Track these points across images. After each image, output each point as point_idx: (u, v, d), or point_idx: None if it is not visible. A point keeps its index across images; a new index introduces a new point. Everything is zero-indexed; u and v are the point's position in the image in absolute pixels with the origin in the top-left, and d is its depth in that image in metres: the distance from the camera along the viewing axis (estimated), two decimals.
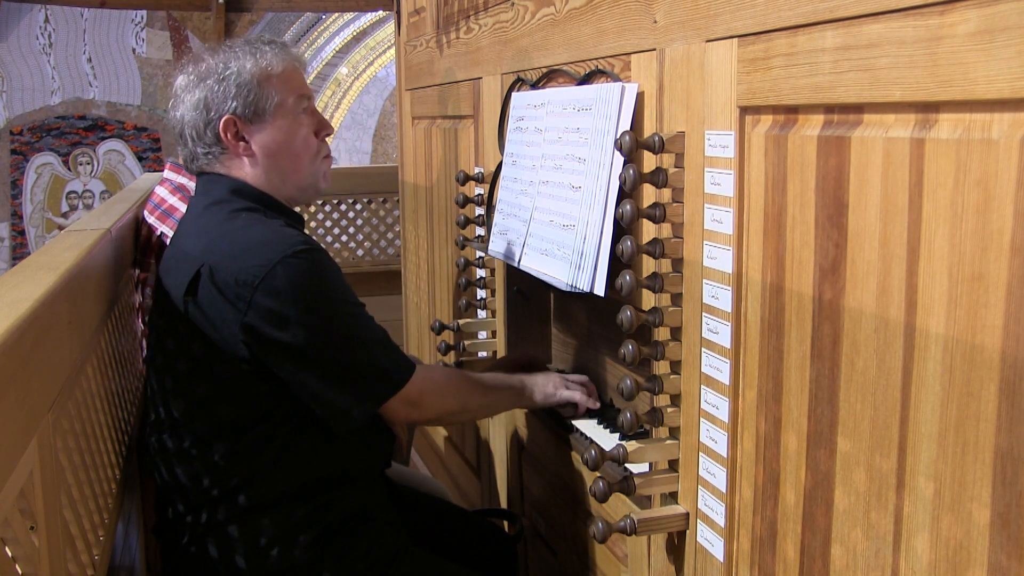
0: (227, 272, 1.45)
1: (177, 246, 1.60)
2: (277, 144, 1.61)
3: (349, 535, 1.57)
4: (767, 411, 1.16)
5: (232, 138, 1.59)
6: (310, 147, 1.65)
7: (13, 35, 6.67)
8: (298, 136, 1.62)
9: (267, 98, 1.59)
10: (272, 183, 1.62)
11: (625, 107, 1.44)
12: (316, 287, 1.46)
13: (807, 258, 1.06)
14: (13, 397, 0.91)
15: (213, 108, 1.58)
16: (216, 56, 1.62)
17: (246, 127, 1.59)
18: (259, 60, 1.60)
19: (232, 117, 1.58)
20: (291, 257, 1.44)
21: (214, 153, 1.61)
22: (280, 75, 1.61)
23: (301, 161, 1.63)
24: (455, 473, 2.78)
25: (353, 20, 7.33)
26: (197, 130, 1.60)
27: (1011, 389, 0.80)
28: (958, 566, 0.87)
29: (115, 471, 1.56)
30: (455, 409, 1.68)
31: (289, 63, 1.63)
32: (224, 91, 1.57)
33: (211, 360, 1.49)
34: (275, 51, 1.62)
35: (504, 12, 2.03)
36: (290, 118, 1.61)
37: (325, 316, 1.47)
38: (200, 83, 1.59)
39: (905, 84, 0.89)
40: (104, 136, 6.97)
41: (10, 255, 6.83)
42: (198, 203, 1.63)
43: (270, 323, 1.43)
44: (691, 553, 1.36)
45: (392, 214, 4.38)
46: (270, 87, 1.59)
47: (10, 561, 0.93)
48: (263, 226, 1.53)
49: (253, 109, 1.58)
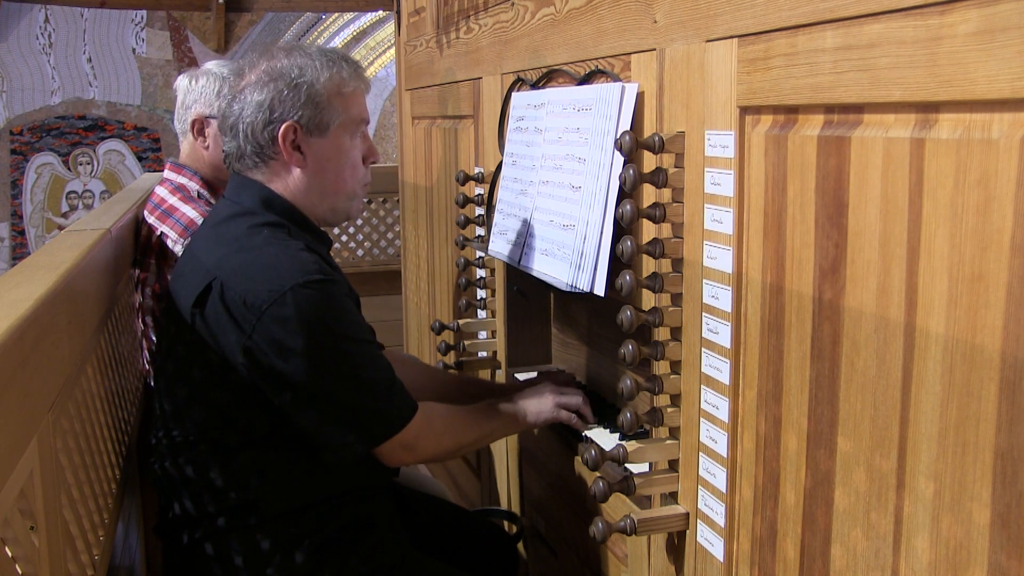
0: (236, 291, 1.43)
1: (193, 251, 1.57)
2: (329, 161, 1.58)
3: (351, 543, 1.56)
4: (767, 411, 1.16)
5: (288, 145, 1.55)
6: (357, 171, 1.63)
7: (13, 35, 6.67)
8: (350, 158, 1.61)
9: (334, 114, 1.57)
10: (310, 198, 1.60)
11: (625, 107, 1.44)
12: (324, 321, 1.43)
13: (807, 258, 1.06)
14: (13, 397, 0.91)
15: (278, 111, 1.54)
16: (291, 58, 1.58)
17: (305, 138, 1.56)
18: (335, 75, 1.57)
19: (295, 124, 1.54)
20: (303, 286, 1.41)
21: (263, 156, 1.57)
22: (351, 95, 1.59)
23: (346, 183, 1.61)
24: (455, 473, 2.78)
25: (353, 20, 7.33)
26: (254, 129, 1.55)
27: (1011, 389, 0.80)
28: (958, 566, 0.87)
29: (115, 471, 1.56)
30: (450, 450, 1.67)
31: (360, 86, 1.62)
32: (295, 97, 1.54)
33: (212, 381, 1.48)
34: (350, 70, 1.60)
35: (504, 12, 2.03)
36: (347, 139, 1.60)
37: (329, 352, 1.44)
38: (271, 82, 1.55)
39: (905, 84, 0.89)
40: (104, 136, 6.97)
41: (10, 255, 6.83)
42: (224, 208, 1.60)
43: (272, 351, 1.41)
44: (691, 553, 1.36)
45: (392, 214, 4.38)
46: (338, 104, 1.57)
47: (10, 561, 0.93)
48: (281, 247, 1.49)
49: (317, 122, 1.56)
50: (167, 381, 1.54)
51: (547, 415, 1.70)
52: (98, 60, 6.86)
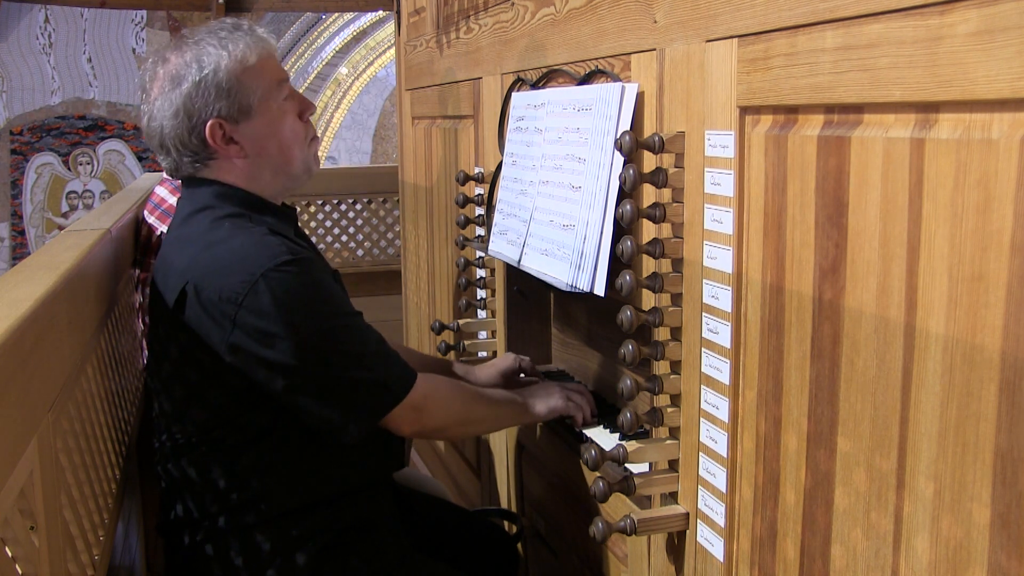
0: (210, 289, 1.41)
1: (165, 256, 1.55)
2: (266, 139, 1.54)
3: (352, 545, 1.56)
4: (767, 411, 1.16)
5: (221, 141, 1.51)
6: (298, 135, 1.58)
7: (13, 35, 6.67)
8: (286, 126, 1.56)
9: (250, 92, 1.51)
10: (263, 180, 1.56)
11: (625, 107, 1.44)
12: (301, 301, 1.41)
13: (807, 258, 1.06)
14: (13, 397, 0.91)
15: (195, 114, 1.49)
16: (182, 53, 1.51)
17: (233, 128, 1.51)
18: (232, 52, 1.50)
19: (217, 120, 1.50)
20: (274, 271, 1.39)
21: (201, 159, 1.53)
22: (257, 65, 1.52)
23: (292, 152, 1.57)
24: (455, 473, 2.78)
25: (353, 20, 7.33)
26: (181, 139, 1.51)
27: (1011, 389, 0.80)
28: (958, 566, 0.87)
29: (115, 471, 1.56)
30: (461, 416, 1.61)
31: (262, 48, 1.54)
32: (204, 94, 1.48)
33: (208, 382, 1.47)
34: (245, 38, 1.52)
35: (504, 12, 2.03)
36: (275, 108, 1.55)
37: (313, 332, 1.41)
38: (175, 88, 1.50)
39: (905, 84, 0.89)
40: (104, 136, 6.97)
41: (10, 255, 6.83)
42: (182, 210, 1.57)
43: (256, 341, 1.39)
44: (691, 553, 1.36)
45: (392, 214, 4.38)
46: (250, 80, 1.51)
47: (10, 561, 0.93)
48: (246, 236, 1.46)
49: (237, 107, 1.50)
50: (163, 383, 1.54)
51: (555, 405, 1.69)
52: (98, 60, 6.86)
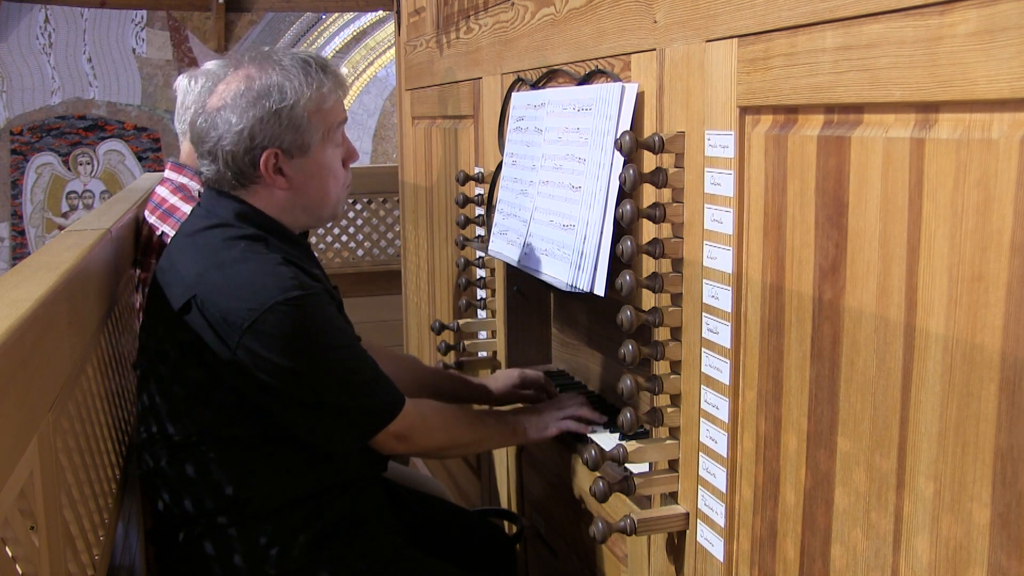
0: (217, 308, 1.43)
1: (172, 259, 1.55)
2: (312, 177, 1.56)
3: (346, 537, 1.57)
4: (767, 411, 1.16)
5: (271, 170, 1.52)
6: (339, 179, 1.60)
7: (13, 35, 6.67)
8: (332, 169, 1.58)
9: (314, 132, 1.53)
10: (293, 214, 1.58)
11: (625, 107, 1.44)
12: (305, 336, 1.44)
13: (807, 258, 1.06)
14: (13, 397, 0.91)
15: (259, 139, 1.50)
16: (267, 72, 1.52)
17: (286, 161, 1.53)
18: (315, 93, 1.52)
19: (276, 150, 1.51)
20: (282, 304, 1.41)
21: (243, 180, 1.54)
22: (328, 108, 1.55)
23: (329, 195, 1.60)
24: (455, 473, 2.78)
25: (353, 20, 7.33)
26: (235, 156, 1.51)
27: (1011, 389, 0.80)
28: (958, 566, 0.87)
29: (115, 471, 1.56)
30: (443, 445, 1.66)
31: (340, 91, 1.57)
32: (275, 123, 1.50)
33: (209, 384, 1.48)
34: (330, 80, 1.55)
35: (504, 12, 2.03)
36: (329, 152, 1.57)
37: (312, 365, 1.45)
38: (250, 107, 1.50)
39: (905, 84, 0.89)
40: (104, 136, 6.97)
41: (10, 255, 6.83)
42: (199, 219, 1.57)
43: (257, 367, 1.42)
44: (691, 553, 1.36)
45: (392, 214, 4.38)
46: (319, 121, 1.54)
47: (10, 561, 0.93)
48: (259, 262, 1.47)
49: (299, 144, 1.52)
50: (160, 382, 1.54)
51: (550, 430, 1.69)
52: (98, 60, 6.86)
